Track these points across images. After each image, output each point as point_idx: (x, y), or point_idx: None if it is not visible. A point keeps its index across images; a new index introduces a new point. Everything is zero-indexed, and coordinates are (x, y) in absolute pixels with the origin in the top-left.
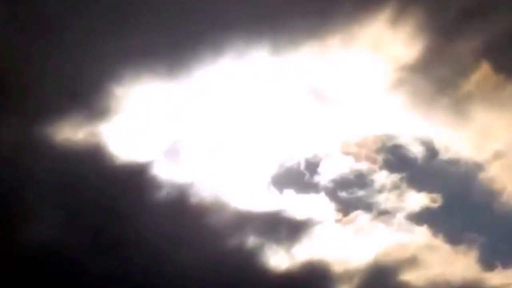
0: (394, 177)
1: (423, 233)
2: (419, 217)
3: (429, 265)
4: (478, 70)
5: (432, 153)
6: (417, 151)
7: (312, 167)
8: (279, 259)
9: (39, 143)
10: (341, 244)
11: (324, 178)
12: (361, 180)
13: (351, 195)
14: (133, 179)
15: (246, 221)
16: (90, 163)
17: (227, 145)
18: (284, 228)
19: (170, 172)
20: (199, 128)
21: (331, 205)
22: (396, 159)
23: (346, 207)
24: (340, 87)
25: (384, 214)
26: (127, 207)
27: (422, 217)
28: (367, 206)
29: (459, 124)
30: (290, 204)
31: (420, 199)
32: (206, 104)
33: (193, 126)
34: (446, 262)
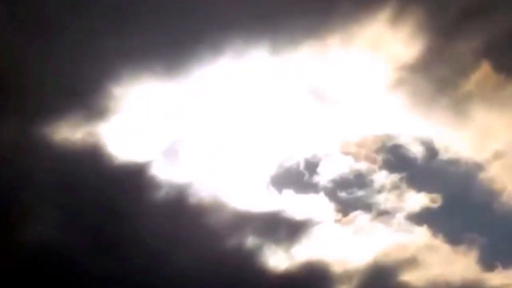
0: (394, 177)
1: (423, 234)
2: (419, 217)
3: (429, 265)
4: (478, 70)
5: (432, 153)
6: (417, 151)
7: (311, 167)
8: (279, 259)
9: (37, 143)
10: (340, 244)
11: (324, 178)
12: (360, 180)
13: (350, 195)
14: (132, 179)
15: (245, 221)
16: (88, 163)
17: (226, 145)
18: (284, 228)
19: (169, 172)
20: (198, 128)
21: (331, 205)
22: (395, 159)
23: (346, 207)
24: (339, 87)
25: (383, 214)
26: (125, 207)
27: (422, 217)
28: (367, 206)
29: (459, 124)
30: (290, 204)
31: (420, 199)
32: (205, 104)
33: (192, 126)
34: (446, 263)
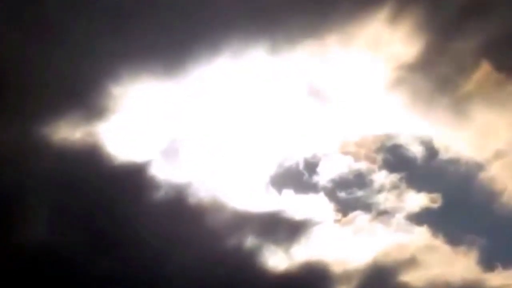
0: (394, 177)
1: (422, 234)
2: (419, 218)
3: (429, 265)
4: (478, 69)
5: (432, 152)
6: (416, 150)
7: (311, 167)
8: (278, 259)
9: (36, 143)
10: (340, 244)
11: (323, 178)
12: (360, 180)
13: (350, 195)
14: (131, 179)
15: (244, 221)
16: (88, 163)
17: (226, 144)
18: (283, 228)
19: (168, 172)
20: (197, 128)
21: (330, 205)
22: (395, 159)
23: (345, 207)
24: (338, 86)
25: (383, 214)
26: (125, 207)
27: (421, 217)
28: (366, 206)
29: (459, 124)
30: (289, 204)
31: (419, 199)
32: (204, 103)
33: (191, 126)
34: (446, 263)
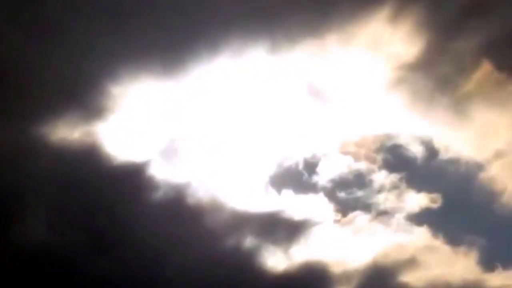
0: (394, 177)
1: (422, 234)
2: (419, 218)
3: (429, 266)
4: (479, 69)
5: (432, 152)
6: (416, 150)
7: (310, 167)
8: (277, 260)
9: (35, 143)
10: (339, 245)
11: (323, 178)
12: (360, 180)
13: (350, 195)
14: (130, 179)
15: (244, 222)
16: (86, 163)
17: (225, 144)
18: (282, 228)
19: (167, 172)
20: (196, 128)
21: (330, 206)
22: (395, 159)
23: (345, 208)
24: (338, 86)
25: (383, 214)
26: (124, 207)
27: (421, 217)
28: (366, 207)
29: (459, 124)
30: (289, 204)
31: (419, 200)
32: (203, 103)
33: (190, 126)
34: (446, 263)
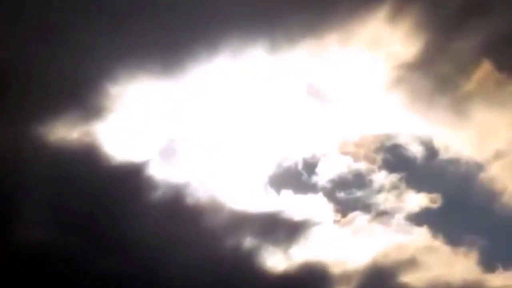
0: (393, 177)
1: (422, 234)
2: (419, 218)
3: (429, 266)
4: (479, 69)
5: (432, 152)
6: (416, 150)
7: (310, 167)
8: (277, 260)
9: (33, 143)
10: (339, 245)
11: (322, 178)
12: (359, 180)
13: (349, 196)
14: (129, 179)
15: (243, 222)
16: (85, 163)
17: (224, 144)
18: (282, 229)
19: (166, 172)
20: (195, 128)
21: (329, 206)
22: (395, 159)
23: (345, 208)
24: (338, 85)
25: (383, 214)
26: (122, 208)
27: (421, 218)
28: (366, 207)
29: (459, 123)
30: (288, 204)
31: (419, 200)
32: (202, 103)
33: (189, 126)
34: (446, 264)
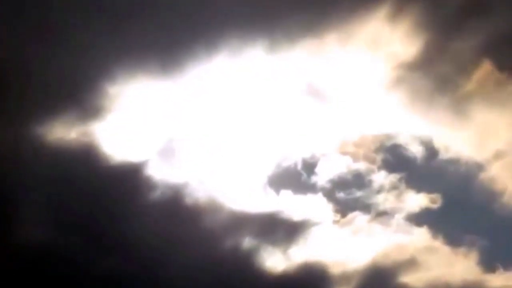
0: (393, 177)
1: (422, 235)
2: (419, 218)
3: (429, 267)
4: (479, 69)
5: (432, 152)
6: (416, 150)
7: (309, 167)
8: (276, 261)
9: (31, 143)
10: (339, 245)
11: (322, 178)
12: (359, 181)
13: (349, 196)
14: (127, 179)
15: (242, 222)
16: (83, 163)
17: (223, 144)
18: (281, 229)
19: (164, 172)
20: (194, 128)
21: (329, 206)
22: (395, 159)
23: (344, 208)
24: (337, 85)
25: (382, 215)
26: (121, 208)
27: (421, 218)
28: (366, 207)
29: (459, 123)
30: (287, 205)
31: (419, 200)
32: (201, 103)
33: (188, 126)
34: (446, 264)
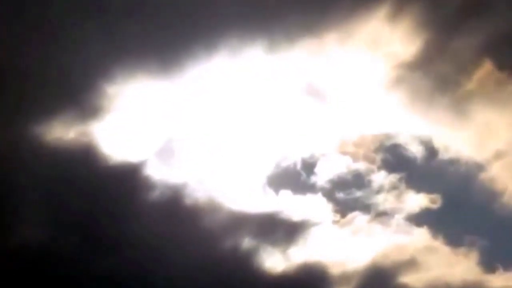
0: (393, 178)
1: (422, 235)
2: (418, 218)
3: (429, 267)
4: (480, 68)
5: (432, 152)
6: (416, 150)
7: (309, 167)
8: (275, 261)
9: (30, 143)
10: (338, 246)
11: (321, 178)
12: (359, 181)
13: (348, 196)
14: (126, 179)
15: (241, 222)
16: (82, 163)
17: (222, 144)
18: (281, 229)
19: (163, 172)
20: (193, 128)
21: (328, 206)
22: (394, 159)
23: (344, 208)
24: (337, 85)
25: (382, 215)
26: (120, 208)
27: (421, 218)
28: (365, 207)
29: (459, 123)
30: (287, 205)
31: (419, 200)
32: (200, 103)
33: (187, 125)
34: (446, 264)
